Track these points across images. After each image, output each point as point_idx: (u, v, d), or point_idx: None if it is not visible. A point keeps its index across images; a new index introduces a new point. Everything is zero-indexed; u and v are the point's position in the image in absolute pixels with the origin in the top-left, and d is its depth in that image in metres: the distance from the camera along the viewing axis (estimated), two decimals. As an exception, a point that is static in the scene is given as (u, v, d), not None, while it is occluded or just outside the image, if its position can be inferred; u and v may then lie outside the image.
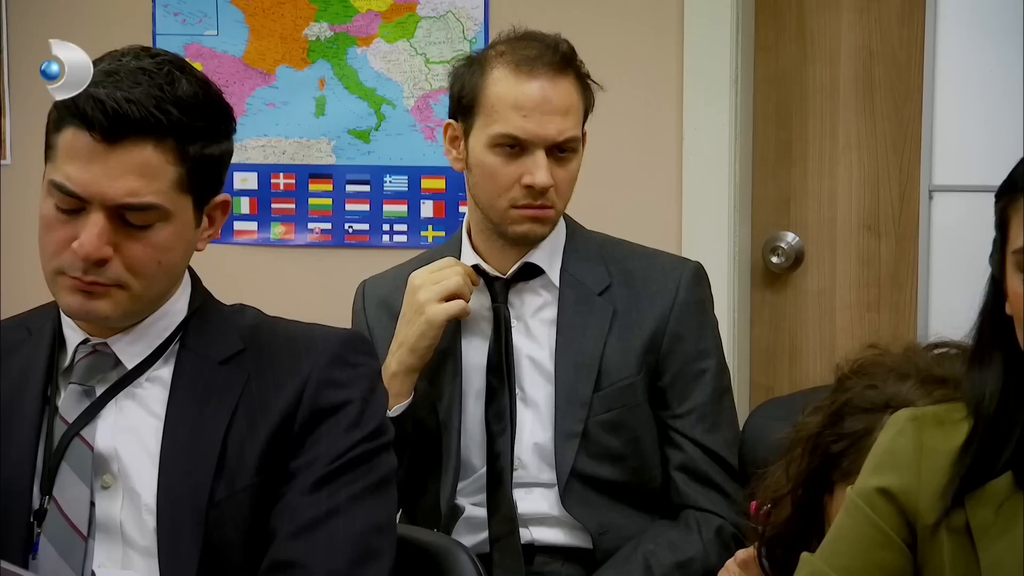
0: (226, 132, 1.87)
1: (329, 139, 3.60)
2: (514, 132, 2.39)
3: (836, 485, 1.84)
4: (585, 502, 2.44)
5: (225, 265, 3.61)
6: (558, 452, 2.43)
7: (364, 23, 3.56)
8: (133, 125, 1.75)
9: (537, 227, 2.43)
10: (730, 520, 2.43)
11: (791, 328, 3.52)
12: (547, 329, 2.48)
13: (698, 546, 2.41)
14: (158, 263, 1.82)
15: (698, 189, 3.41)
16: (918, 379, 1.83)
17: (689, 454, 2.46)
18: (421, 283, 2.44)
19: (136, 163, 1.77)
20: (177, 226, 1.82)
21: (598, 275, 2.50)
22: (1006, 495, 1.59)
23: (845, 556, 1.65)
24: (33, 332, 1.92)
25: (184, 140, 1.79)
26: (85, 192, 1.77)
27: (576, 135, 2.42)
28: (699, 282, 2.52)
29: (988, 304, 1.64)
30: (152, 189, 1.78)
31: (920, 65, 3.38)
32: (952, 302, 3.37)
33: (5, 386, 1.88)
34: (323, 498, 1.82)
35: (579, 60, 2.47)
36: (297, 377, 1.86)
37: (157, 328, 1.89)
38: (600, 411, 2.44)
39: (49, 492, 1.82)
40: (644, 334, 2.46)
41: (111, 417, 1.85)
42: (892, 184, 3.44)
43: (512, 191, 2.40)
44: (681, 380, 2.47)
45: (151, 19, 3.64)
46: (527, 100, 2.39)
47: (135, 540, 1.82)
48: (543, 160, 2.38)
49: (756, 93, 3.48)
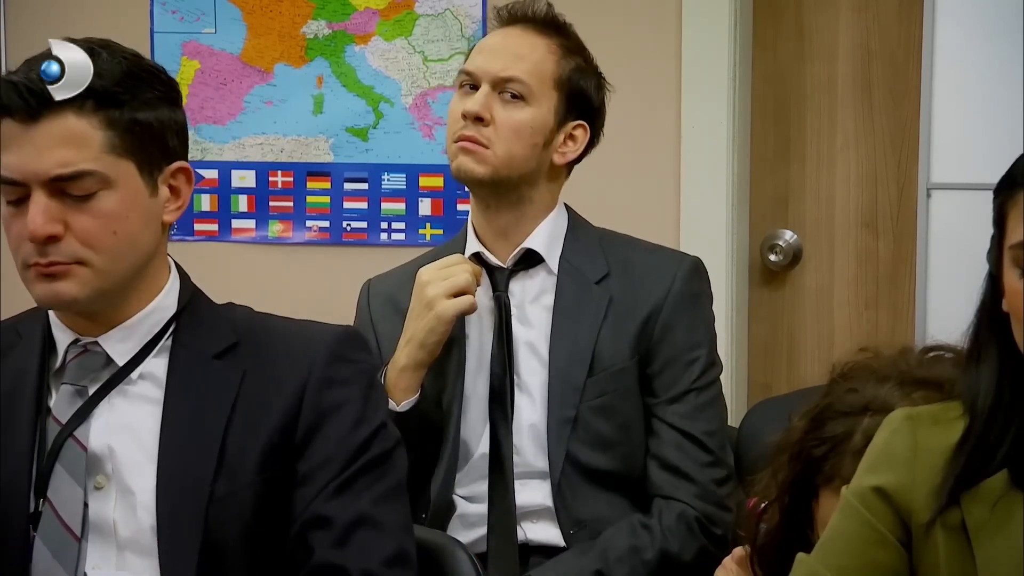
0: (163, 100, 1.85)
1: (327, 137, 3.60)
2: (466, 67, 2.49)
3: (821, 490, 1.84)
4: (577, 492, 2.45)
5: (223, 263, 3.62)
6: (551, 438, 2.45)
7: (362, 21, 3.56)
8: (48, 101, 1.76)
9: (467, 161, 2.44)
10: (695, 506, 2.45)
11: (789, 326, 3.52)
12: (544, 315, 2.49)
13: (656, 531, 2.43)
14: (113, 233, 1.81)
15: (696, 187, 3.41)
16: (898, 381, 1.83)
17: (663, 440, 2.47)
18: (429, 279, 2.45)
19: (60, 134, 1.77)
20: (122, 193, 1.81)
21: (597, 264, 2.51)
22: (1001, 493, 1.59)
23: (841, 556, 1.65)
24: (24, 335, 1.91)
25: (106, 104, 1.79)
26: (19, 174, 1.78)
27: (523, 79, 2.44)
28: (697, 275, 2.53)
29: (986, 301, 1.64)
30: (82, 156, 1.78)
31: (918, 63, 3.38)
32: (950, 300, 3.38)
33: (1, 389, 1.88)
34: (348, 502, 1.82)
35: (578, 43, 2.52)
36: (296, 376, 1.86)
37: (147, 324, 1.88)
38: (592, 396, 2.45)
39: (43, 494, 1.82)
40: (637, 321, 2.47)
41: (104, 416, 1.85)
42: (890, 182, 3.44)
43: (456, 124, 2.46)
44: (669, 369, 2.48)
45: (149, 17, 3.64)
46: (489, 41, 2.52)
47: (130, 540, 1.82)
48: (484, 91, 2.44)
49: (754, 91, 3.48)
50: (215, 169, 3.65)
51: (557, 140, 2.48)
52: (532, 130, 2.45)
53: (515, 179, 2.46)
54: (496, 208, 2.49)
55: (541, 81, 2.46)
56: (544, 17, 2.50)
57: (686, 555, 2.44)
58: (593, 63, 2.55)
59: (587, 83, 2.51)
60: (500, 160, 2.44)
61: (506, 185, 2.46)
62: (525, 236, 2.49)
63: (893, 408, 1.73)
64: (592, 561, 2.40)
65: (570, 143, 2.50)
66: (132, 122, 1.81)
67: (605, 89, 2.57)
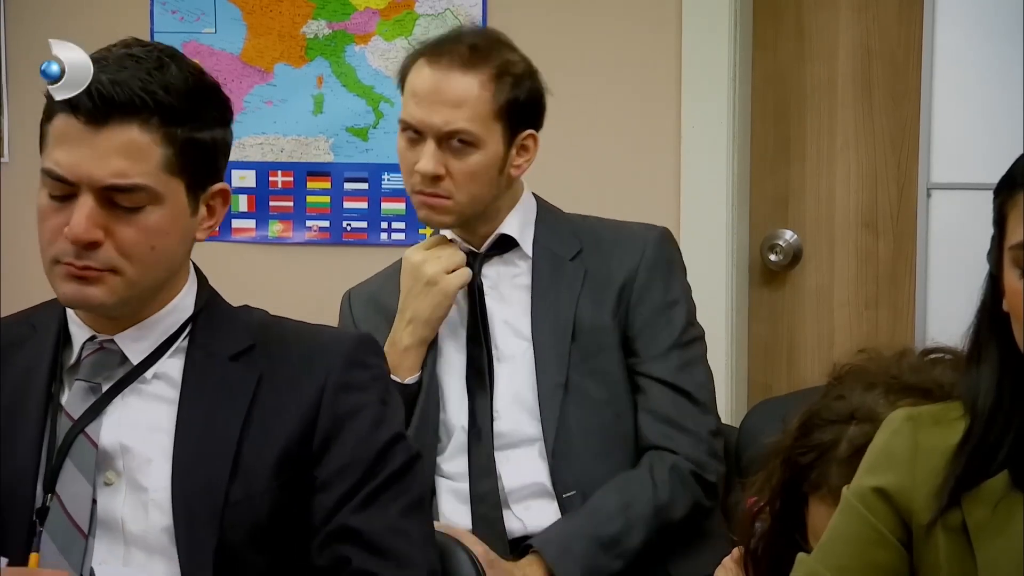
0: (219, 120, 1.87)
1: (327, 137, 3.60)
2: (406, 118, 2.50)
3: (809, 496, 1.84)
4: (571, 456, 2.49)
5: (223, 263, 3.59)
6: (544, 404, 2.50)
7: (362, 21, 3.56)
8: (118, 107, 1.76)
9: (433, 215, 2.51)
10: (689, 457, 2.49)
11: (789, 326, 3.52)
12: (521, 294, 2.56)
13: (647, 485, 2.47)
14: (151, 248, 1.81)
15: (696, 187, 3.41)
16: (885, 389, 1.83)
17: (654, 394, 2.53)
18: (423, 259, 2.53)
19: (122, 144, 1.77)
20: (169, 210, 1.82)
21: (569, 243, 2.58)
22: (1002, 494, 1.59)
23: (841, 556, 1.65)
24: (38, 328, 1.92)
25: (170, 121, 1.79)
26: (73, 175, 1.78)
27: (468, 129, 2.47)
28: (667, 242, 2.61)
29: (986, 301, 1.64)
30: (139, 170, 1.78)
31: (918, 63, 3.38)
32: (950, 300, 3.37)
33: (9, 383, 1.88)
34: (375, 514, 1.84)
35: (502, 60, 2.51)
36: (313, 381, 1.87)
37: (164, 324, 1.89)
38: (578, 359, 2.52)
39: (52, 489, 1.82)
40: (614, 289, 2.54)
41: (117, 414, 1.85)
42: (890, 182, 3.44)
43: (413, 176, 2.50)
44: (649, 328, 2.54)
45: (149, 17, 3.64)
46: (421, 88, 2.49)
47: (138, 537, 1.82)
48: (430, 148, 2.46)
49: (754, 91, 3.48)
50: (215, 169, 3.65)
51: (511, 158, 2.54)
52: (487, 168, 2.50)
53: (481, 208, 2.53)
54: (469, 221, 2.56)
55: (484, 121, 2.49)
56: (474, 49, 2.50)
57: (679, 507, 2.48)
58: (520, 64, 2.55)
59: (523, 92, 2.53)
60: (463, 205, 2.50)
61: (473, 216, 2.54)
62: (496, 227, 2.56)
63: (878, 416, 1.73)
64: (583, 523, 2.44)
65: (524, 153, 2.56)
66: (190, 141, 1.82)
67: (539, 80, 2.57)
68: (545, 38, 3.46)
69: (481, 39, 2.53)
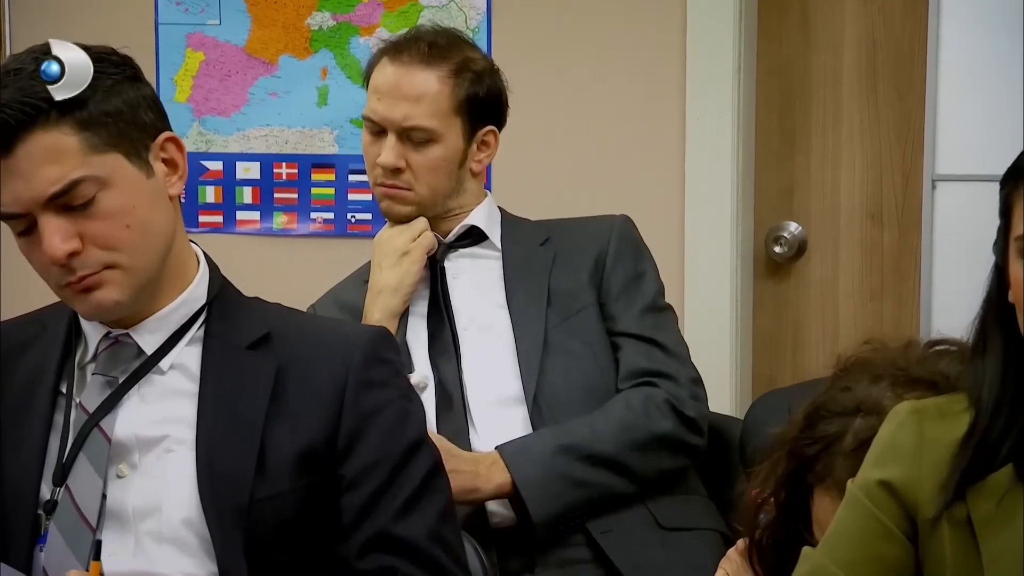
0: (122, 82, 1.81)
1: (331, 129, 3.60)
2: (368, 113, 2.59)
3: (814, 488, 1.84)
4: (554, 410, 2.52)
5: (227, 255, 3.59)
6: (524, 361, 2.54)
7: (366, 12, 3.56)
8: (14, 127, 1.74)
9: (395, 205, 2.59)
10: (664, 388, 2.55)
11: (794, 318, 3.52)
12: (494, 275, 2.62)
13: (617, 405, 2.52)
14: (126, 227, 1.80)
15: (701, 178, 3.41)
16: (891, 381, 1.82)
17: (629, 349, 2.59)
18: (391, 234, 2.60)
19: (39, 154, 1.75)
20: (120, 187, 1.80)
21: (537, 233, 2.68)
22: (1007, 488, 1.59)
23: (846, 549, 1.65)
24: (49, 326, 1.93)
25: (69, 110, 1.76)
26: (18, 206, 1.77)
27: (427, 125, 2.54)
28: (631, 226, 2.69)
29: (991, 292, 1.64)
30: (69, 167, 1.76)
31: (923, 55, 3.37)
32: (955, 291, 3.37)
33: (18, 381, 1.89)
34: (415, 521, 1.85)
35: (462, 57, 2.58)
36: (333, 378, 1.87)
37: (178, 315, 1.89)
38: (556, 319, 2.58)
39: (62, 483, 1.82)
40: (589, 257, 2.63)
41: (132, 406, 1.86)
42: (895, 173, 3.43)
43: (375, 169, 2.58)
44: (625, 293, 2.62)
45: (153, 8, 3.64)
46: (381, 84, 2.58)
47: (152, 529, 1.82)
48: (391, 142, 2.55)
49: (759, 82, 3.48)
50: (219, 161, 3.65)
51: (471, 153, 2.61)
52: (447, 161, 2.57)
53: (441, 201, 2.61)
54: (431, 214, 2.63)
55: (443, 117, 2.55)
56: (433, 46, 2.57)
57: (651, 428, 2.51)
58: (480, 61, 2.62)
59: (483, 89, 2.59)
60: (423, 197, 2.59)
61: (434, 207, 2.61)
62: (463, 218, 2.63)
63: (884, 409, 1.73)
64: (547, 432, 2.48)
65: (484, 148, 2.63)
66: (103, 115, 1.78)
67: (500, 78, 2.64)
68: (549, 29, 3.46)
69: (441, 37, 2.60)
